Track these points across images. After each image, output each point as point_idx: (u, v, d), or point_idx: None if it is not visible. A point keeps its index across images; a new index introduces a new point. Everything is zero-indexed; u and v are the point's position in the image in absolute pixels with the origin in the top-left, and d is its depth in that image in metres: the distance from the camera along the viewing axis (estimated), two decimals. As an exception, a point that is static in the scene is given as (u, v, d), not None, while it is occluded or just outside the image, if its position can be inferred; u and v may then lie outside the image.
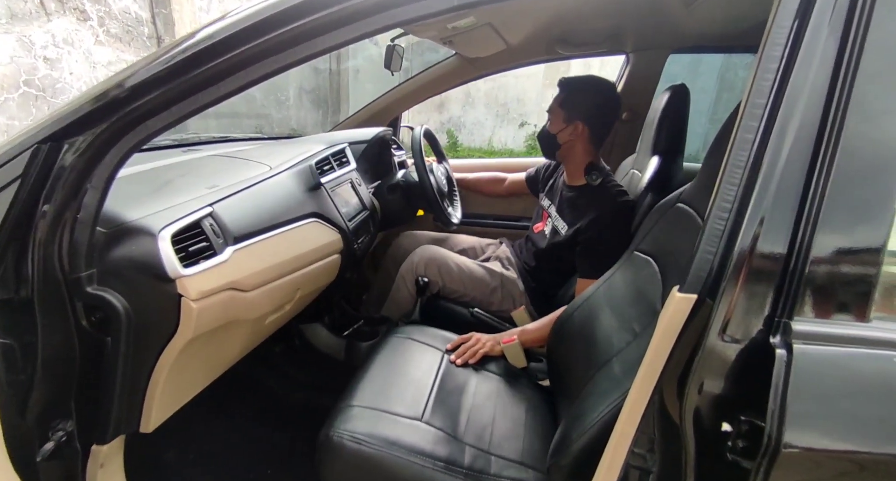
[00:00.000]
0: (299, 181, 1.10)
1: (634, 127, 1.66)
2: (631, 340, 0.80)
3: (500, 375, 1.13)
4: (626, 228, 1.21)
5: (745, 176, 0.52)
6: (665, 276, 0.84)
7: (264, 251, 0.87)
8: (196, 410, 0.90)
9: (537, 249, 1.44)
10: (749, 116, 0.53)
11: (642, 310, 0.83)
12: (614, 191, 1.26)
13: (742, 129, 0.53)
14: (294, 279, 0.97)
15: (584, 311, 1.07)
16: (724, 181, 0.53)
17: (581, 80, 1.31)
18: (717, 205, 0.53)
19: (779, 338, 0.48)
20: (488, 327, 1.35)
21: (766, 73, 0.52)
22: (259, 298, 0.84)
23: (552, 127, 1.32)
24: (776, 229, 0.50)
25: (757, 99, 0.53)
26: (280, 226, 0.95)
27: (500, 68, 1.73)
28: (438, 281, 1.38)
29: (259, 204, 0.93)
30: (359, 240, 1.26)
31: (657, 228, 0.96)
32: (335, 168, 1.28)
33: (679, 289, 0.55)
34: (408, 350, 1.11)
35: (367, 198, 1.38)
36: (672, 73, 1.69)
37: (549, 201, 1.45)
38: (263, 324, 0.93)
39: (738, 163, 0.53)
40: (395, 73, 1.49)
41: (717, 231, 0.53)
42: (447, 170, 1.71)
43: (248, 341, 0.91)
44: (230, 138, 1.54)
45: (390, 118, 1.83)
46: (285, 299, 0.97)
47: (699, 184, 0.88)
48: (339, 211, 1.17)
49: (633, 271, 0.98)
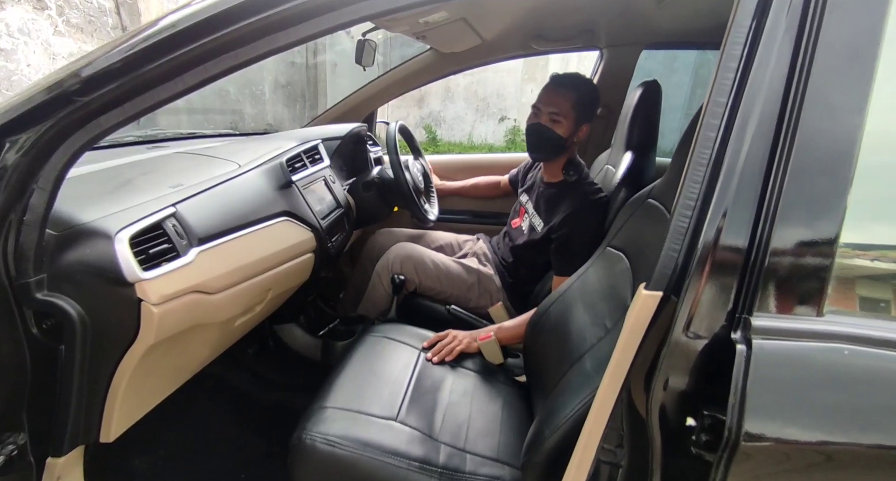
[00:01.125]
0: (269, 179, 1.07)
1: (609, 122, 1.68)
2: (602, 336, 0.81)
3: (476, 372, 1.13)
4: (599, 225, 1.22)
5: (708, 173, 0.52)
6: (636, 271, 0.85)
7: (232, 252, 0.85)
8: (165, 414, 0.88)
9: (514, 245, 1.45)
10: (711, 114, 0.53)
11: (614, 305, 0.84)
12: (589, 189, 1.26)
13: (705, 127, 0.54)
14: (264, 280, 0.94)
15: (559, 307, 1.08)
16: (688, 179, 0.54)
17: (583, 79, 1.30)
18: (681, 203, 0.54)
19: (739, 333, 0.49)
20: (465, 324, 1.34)
21: (727, 73, 0.53)
22: (226, 301, 0.82)
23: (562, 130, 1.26)
24: (737, 225, 0.51)
25: (718, 97, 0.53)
26: (249, 226, 0.92)
27: (475, 63, 1.72)
28: (415, 278, 1.37)
29: (226, 203, 0.90)
30: (333, 238, 1.24)
31: (629, 224, 0.97)
32: (307, 165, 1.25)
33: (645, 287, 0.55)
34: (383, 349, 1.10)
35: (342, 195, 1.36)
36: (648, 68, 1.71)
37: (526, 197, 1.46)
38: (233, 327, 0.90)
39: (701, 160, 0.53)
40: (366, 69, 1.47)
41: (681, 228, 0.53)
42: (424, 167, 1.70)
43: (216, 344, 0.89)
44: (199, 134, 1.50)
45: (366, 114, 1.80)
46: (255, 300, 0.95)
47: (668, 180, 0.89)
48: (311, 209, 1.15)
49: (606, 266, 0.99)
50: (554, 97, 1.26)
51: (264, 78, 5.12)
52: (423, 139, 7.68)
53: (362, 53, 1.41)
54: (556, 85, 1.27)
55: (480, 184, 1.82)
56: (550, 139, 1.27)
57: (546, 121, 1.27)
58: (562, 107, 1.25)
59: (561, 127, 1.26)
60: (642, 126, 1.32)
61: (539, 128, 1.28)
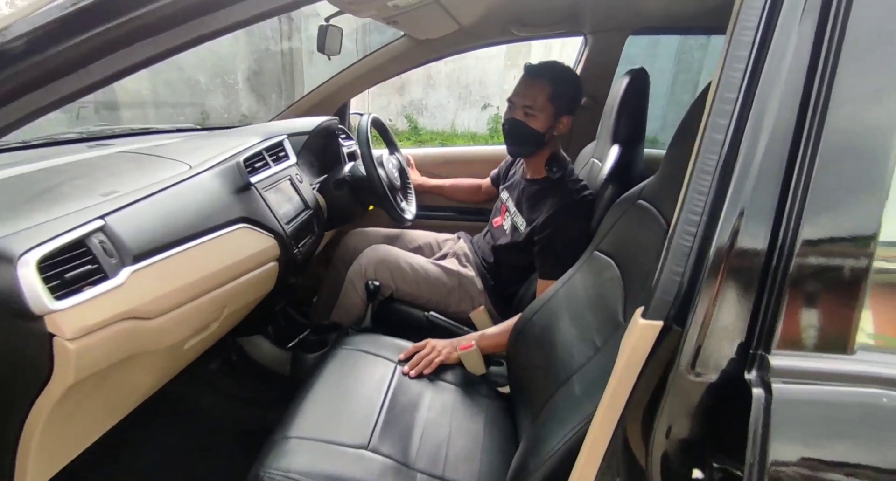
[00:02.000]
0: (225, 182, 0.97)
1: (594, 113, 1.59)
2: (591, 355, 0.73)
3: (457, 385, 1.06)
4: (585, 225, 1.14)
5: (715, 182, 0.45)
6: (626, 281, 0.77)
7: (175, 268, 0.75)
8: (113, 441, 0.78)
9: (496, 245, 1.37)
10: (718, 113, 0.45)
11: (603, 318, 0.76)
12: (573, 187, 1.18)
13: (710, 128, 0.46)
14: (218, 296, 0.85)
15: (544, 316, 1.00)
16: (691, 189, 0.46)
17: (560, 68, 1.20)
18: (683, 218, 0.46)
19: (755, 373, 0.41)
20: (445, 332, 1.27)
21: (736, 63, 0.45)
22: (169, 325, 0.72)
23: (538, 124, 1.18)
24: (752, 245, 0.43)
25: (726, 92, 0.45)
26: (198, 237, 0.82)
27: (453, 50, 1.61)
28: (391, 284, 1.28)
29: (171, 212, 0.80)
30: (300, 243, 1.14)
31: (618, 227, 0.90)
32: (270, 164, 1.15)
33: (643, 314, 0.47)
34: (356, 364, 1.02)
35: (310, 195, 1.26)
36: (630, 54, 1.63)
37: (507, 194, 1.37)
38: (182, 351, 0.81)
39: (707, 168, 0.45)
40: (331, 58, 1.35)
41: (683, 248, 0.45)
42: (400, 162, 1.60)
43: (162, 372, 0.79)
44: (153, 130, 1.37)
45: (338, 105, 1.69)
46: (208, 319, 0.85)
47: (661, 179, 0.81)
48: (274, 213, 1.04)
49: (594, 273, 0.91)
50: (528, 89, 1.17)
51: (237, 66, 4.90)
52: (405, 128, 7.53)
53: (325, 40, 1.29)
54: (529, 76, 1.18)
55: (462, 186, 1.72)
56: (526, 135, 1.19)
57: (521, 115, 1.18)
58: (537, 99, 1.16)
59: (537, 121, 1.18)
60: (630, 118, 1.25)
61: (514, 123, 1.19)
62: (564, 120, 1.18)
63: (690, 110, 0.72)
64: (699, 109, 0.71)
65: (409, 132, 7.39)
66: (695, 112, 0.72)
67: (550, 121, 1.18)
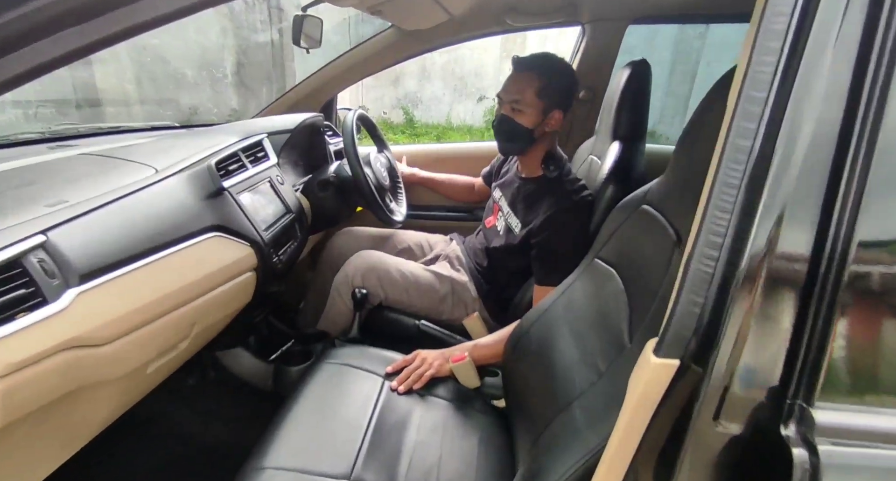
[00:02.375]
0: (194, 187, 0.89)
1: (593, 107, 1.52)
2: (595, 381, 0.67)
3: (449, 400, 1.00)
4: (584, 228, 1.07)
5: (741, 198, 0.38)
6: (631, 297, 0.71)
7: (134, 286, 0.68)
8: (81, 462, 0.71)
9: (490, 247, 1.30)
10: (743, 115, 0.38)
11: (607, 339, 0.70)
12: (571, 187, 1.11)
13: (735, 133, 0.38)
14: (187, 313, 0.78)
15: (542, 327, 0.94)
16: (713, 206, 0.39)
17: (550, 60, 1.12)
18: (703, 240, 0.39)
19: (793, 429, 0.35)
20: (438, 341, 1.20)
21: (766, 56, 0.37)
22: (125, 350, 0.65)
23: (527, 120, 1.11)
24: (788, 274, 0.36)
25: (753, 91, 0.38)
26: (162, 249, 0.75)
27: (445, 42, 1.53)
28: (379, 292, 1.21)
29: (131, 222, 0.73)
30: (281, 250, 1.07)
31: (621, 234, 0.83)
32: (247, 166, 1.07)
33: (656, 350, 0.40)
34: (340, 381, 0.95)
35: (292, 198, 1.18)
36: (627, 44, 1.55)
37: (500, 193, 1.30)
38: (144, 375, 0.74)
39: (731, 180, 0.38)
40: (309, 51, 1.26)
41: (704, 275, 0.38)
42: (389, 160, 1.52)
43: (121, 400, 0.72)
44: (124, 129, 1.29)
45: (324, 101, 1.60)
46: (175, 338, 0.78)
47: (668, 183, 0.74)
48: (249, 219, 0.97)
49: (595, 284, 0.85)
50: (515, 84, 1.10)
51: (225, 59, 4.78)
52: (400, 121, 7.42)
53: (301, 31, 1.20)
54: (517, 69, 1.11)
55: (457, 183, 1.62)
56: (515, 131, 1.12)
57: (508, 111, 1.12)
58: (524, 94, 1.09)
59: (525, 117, 1.10)
60: (631, 112, 1.17)
61: (501, 119, 1.13)
62: (556, 115, 1.11)
63: (702, 107, 0.65)
64: (712, 106, 0.64)
65: (404, 125, 7.28)
66: (707, 109, 0.64)
67: (539, 117, 1.10)
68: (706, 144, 0.60)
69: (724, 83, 0.62)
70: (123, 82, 3.56)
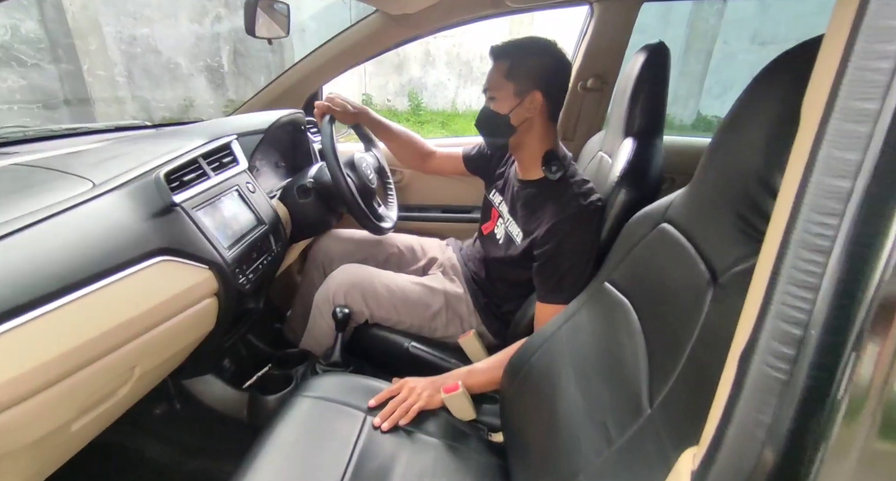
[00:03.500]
0: (138, 204, 0.77)
1: (602, 96, 1.37)
2: (604, 451, 0.54)
3: (439, 438, 0.88)
4: (592, 238, 0.94)
5: (840, 266, 0.24)
6: (651, 342, 0.57)
7: (47, 332, 0.56)
8: None
9: (487, 257, 1.17)
10: (840, 139, 0.24)
11: (620, 397, 0.57)
12: (578, 190, 0.97)
13: (822, 169, 0.25)
14: (122, 355, 0.66)
15: (544, 360, 0.81)
16: (787, 273, 0.25)
17: (520, 43, 1.01)
18: (772, 326, 0.26)
19: None
20: (429, 365, 1.08)
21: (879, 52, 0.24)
22: (32, 414, 0.54)
23: (501, 106, 1.00)
24: None
25: (858, 102, 0.24)
26: (89, 283, 0.63)
27: (436, 27, 1.38)
28: (364, 310, 1.09)
29: (47, 252, 0.61)
30: (249, 268, 0.95)
31: (635, 256, 0.69)
32: (209, 174, 0.94)
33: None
34: (316, 420, 0.84)
35: (266, 207, 1.06)
36: (641, 23, 1.38)
37: (500, 198, 1.17)
38: (67, 435, 0.63)
39: (818, 242, 0.24)
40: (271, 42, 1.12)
41: (771, 381, 0.25)
42: (378, 160, 1.39)
43: (37, 467, 0.61)
44: (81, 130, 1.17)
45: (307, 95, 1.47)
46: (108, 387, 0.67)
47: (696, 197, 0.60)
48: (208, 237, 0.85)
49: (604, 315, 0.72)
50: (489, 73, 1.01)
51: (221, 47, 4.63)
52: (405, 108, 7.25)
53: (255, 18, 1.05)
54: (492, 59, 1.02)
55: (411, 144, 1.35)
56: (491, 121, 1.02)
57: (486, 102, 1.03)
58: (495, 80, 1.00)
59: (497, 104, 1.00)
60: (647, 105, 1.02)
61: (480, 112, 1.04)
62: (535, 96, 0.98)
63: (743, 102, 0.51)
64: (758, 102, 0.50)
65: (410, 112, 7.11)
66: (750, 105, 0.50)
67: (513, 100, 0.98)
68: (751, 151, 0.46)
69: (773, 72, 0.47)
70: (113, 74, 3.44)
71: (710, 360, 0.41)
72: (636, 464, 0.47)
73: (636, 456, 0.47)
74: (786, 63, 0.45)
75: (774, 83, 0.46)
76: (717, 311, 0.45)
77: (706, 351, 0.44)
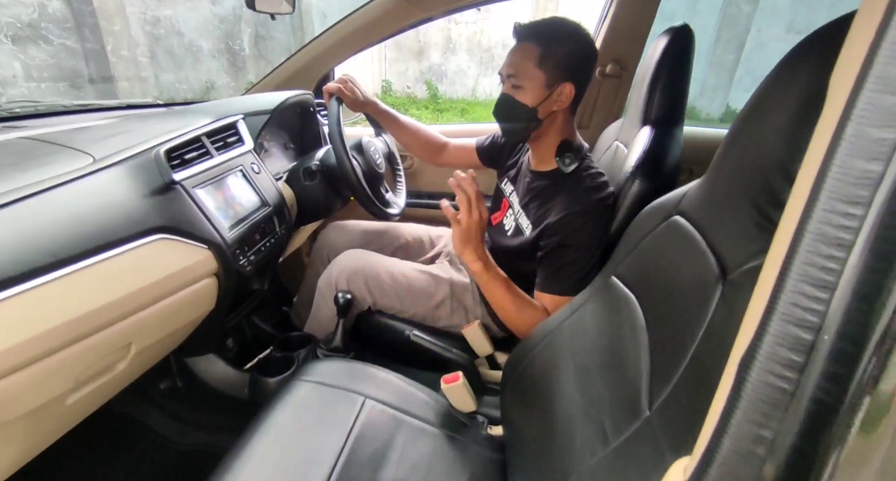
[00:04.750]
0: (137, 181, 0.76)
1: (621, 83, 1.31)
2: (599, 451, 0.51)
3: (437, 427, 0.87)
4: (600, 235, 0.90)
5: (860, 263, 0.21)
6: (654, 340, 0.54)
7: (40, 305, 0.56)
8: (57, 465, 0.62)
9: (495, 247, 1.14)
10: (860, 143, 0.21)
11: (619, 395, 0.54)
12: (591, 183, 0.93)
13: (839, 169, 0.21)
14: (117, 331, 0.66)
15: (546, 352, 0.79)
16: (796, 271, 0.22)
17: (551, 26, 0.93)
18: (775, 329, 0.22)
19: None
20: (430, 354, 1.07)
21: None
22: (22, 385, 0.54)
23: (527, 97, 0.92)
24: None
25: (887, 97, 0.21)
26: (84, 257, 0.63)
27: (451, 8, 1.33)
28: (366, 297, 1.08)
29: (41, 226, 0.61)
30: (251, 250, 0.94)
31: (644, 249, 0.66)
32: (212, 153, 0.93)
33: None
34: (312, 405, 0.83)
35: (270, 188, 1.05)
36: (667, 9, 1.32)
37: (511, 187, 1.13)
38: (63, 408, 0.63)
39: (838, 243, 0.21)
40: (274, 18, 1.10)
41: (775, 393, 0.22)
42: (388, 145, 1.36)
43: (30, 441, 0.62)
44: (92, 107, 1.17)
45: (318, 76, 1.45)
46: (105, 362, 0.67)
47: (710, 189, 0.56)
48: (208, 216, 0.84)
49: (609, 309, 0.68)
50: (513, 55, 0.92)
51: (242, 30, 4.64)
52: (424, 96, 7.18)
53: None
54: (516, 39, 0.93)
55: (421, 135, 1.30)
56: (515, 112, 0.94)
57: (508, 89, 0.94)
58: (522, 66, 0.91)
59: (524, 93, 0.92)
60: (667, 92, 0.97)
61: (500, 99, 0.96)
62: (565, 89, 0.91)
63: (765, 89, 0.47)
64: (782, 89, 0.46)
65: (428, 100, 7.05)
66: (772, 92, 0.46)
67: (543, 92, 0.91)
68: (773, 139, 0.42)
69: (800, 54, 0.43)
70: (136, 55, 3.48)
71: (713, 363, 0.38)
72: (631, 468, 0.44)
73: (631, 458, 0.45)
74: (813, 44, 0.41)
75: (801, 66, 0.41)
76: (725, 311, 0.42)
77: (709, 353, 0.41)
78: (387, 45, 6.91)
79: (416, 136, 1.30)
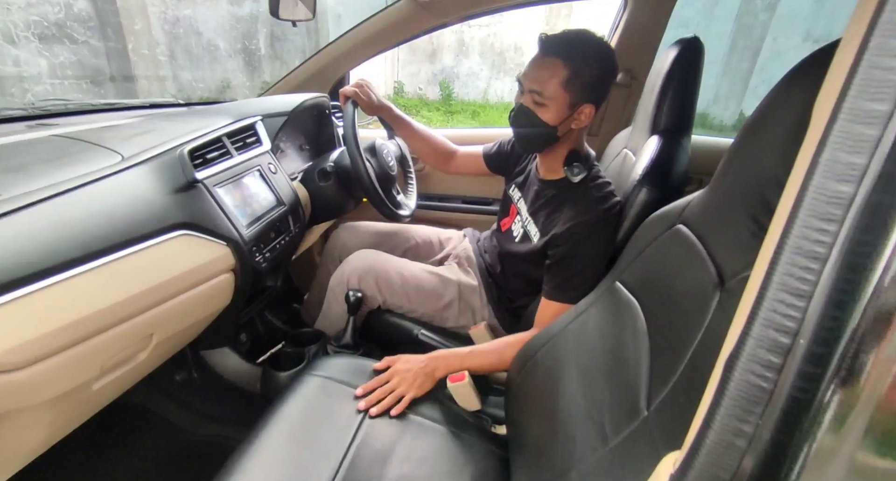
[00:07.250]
0: (162, 179, 0.80)
1: (631, 92, 1.33)
2: (598, 449, 0.54)
3: (443, 425, 0.89)
4: (607, 245, 0.92)
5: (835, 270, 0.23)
6: (654, 344, 0.56)
7: (68, 297, 0.59)
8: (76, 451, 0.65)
9: (503, 252, 1.16)
10: (844, 141, 0.23)
11: (619, 396, 0.56)
12: (598, 193, 0.95)
13: (824, 170, 0.24)
14: (140, 323, 0.69)
15: (550, 355, 0.81)
16: (780, 275, 0.24)
17: (582, 44, 0.90)
18: (757, 333, 0.25)
19: None
20: (437, 352, 1.09)
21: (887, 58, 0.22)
22: (50, 373, 0.57)
23: (550, 116, 0.91)
24: None
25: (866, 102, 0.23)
26: (110, 252, 0.66)
27: (465, 15, 1.36)
28: (377, 295, 1.11)
29: (71, 222, 0.64)
30: (267, 247, 0.97)
31: (647, 256, 0.68)
32: (232, 153, 0.97)
33: None
34: (321, 399, 0.86)
35: (286, 188, 1.08)
36: (683, 17, 1.33)
37: (519, 194, 1.15)
38: (89, 393, 0.66)
39: (814, 248, 0.23)
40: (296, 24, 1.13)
41: (755, 390, 0.25)
42: (400, 147, 1.39)
43: (58, 424, 0.65)
44: (119, 106, 1.22)
45: (334, 80, 1.48)
46: (128, 351, 0.70)
47: (712, 198, 0.58)
48: (227, 214, 0.87)
49: (612, 314, 0.70)
50: (539, 70, 0.90)
51: (258, 30, 4.71)
52: (436, 98, 7.23)
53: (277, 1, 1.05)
54: (542, 51, 0.90)
55: (431, 143, 1.30)
56: (534, 127, 0.93)
57: (529, 102, 0.92)
58: (548, 84, 0.89)
59: (547, 112, 0.91)
60: (675, 102, 0.99)
61: (520, 111, 0.94)
62: (585, 110, 0.91)
63: (770, 101, 0.48)
64: (785, 100, 0.48)
65: (440, 102, 7.09)
66: (777, 104, 0.48)
67: (565, 112, 0.91)
68: (770, 154, 0.44)
69: (797, 74, 0.45)
70: (156, 54, 3.55)
71: (708, 367, 0.40)
72: (628, 465, 0.46)
73: (628, 456, 0.47)
74: (810, 65, 0.43)
75: (797, 86, 0.44)
76: (721, 317, 0.44)
77: (705, 357, 0.43)
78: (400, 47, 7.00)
79: (426, 143, 1.31)
